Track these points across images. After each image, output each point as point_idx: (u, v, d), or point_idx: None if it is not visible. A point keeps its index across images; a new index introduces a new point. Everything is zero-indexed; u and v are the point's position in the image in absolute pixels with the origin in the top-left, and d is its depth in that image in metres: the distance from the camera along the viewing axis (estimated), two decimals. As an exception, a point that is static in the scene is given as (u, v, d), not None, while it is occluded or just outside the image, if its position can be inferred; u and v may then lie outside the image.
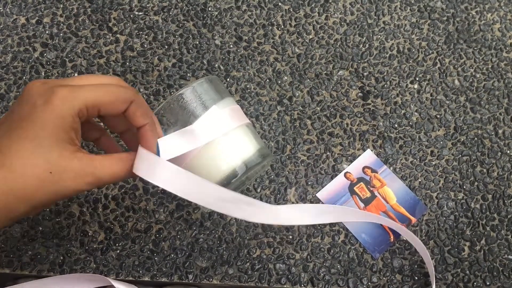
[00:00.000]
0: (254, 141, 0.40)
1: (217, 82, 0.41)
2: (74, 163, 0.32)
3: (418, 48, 0.56)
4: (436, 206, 0.50)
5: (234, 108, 0.40)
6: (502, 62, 0.56)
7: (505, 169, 0.52)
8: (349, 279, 0.46)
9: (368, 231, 0.48)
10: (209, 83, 0.40)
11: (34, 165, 0.31)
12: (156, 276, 0.45)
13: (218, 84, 0.41)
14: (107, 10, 0.54)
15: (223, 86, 0.42)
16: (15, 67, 0.51)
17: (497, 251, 0.49)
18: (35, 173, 0.31)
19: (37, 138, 0.31)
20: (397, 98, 0.53)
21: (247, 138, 0.40)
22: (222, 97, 0.40)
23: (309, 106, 0.52)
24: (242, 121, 0.40)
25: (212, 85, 0.40)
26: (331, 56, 0.54)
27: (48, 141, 0.31)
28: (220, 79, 0.45)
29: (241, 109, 0.41)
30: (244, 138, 0.40)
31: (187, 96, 0.39)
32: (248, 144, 0.40)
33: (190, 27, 0.54)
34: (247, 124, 0.41)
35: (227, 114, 0.39)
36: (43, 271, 0.44)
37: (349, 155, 0.51)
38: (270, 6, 0.56)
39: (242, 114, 0.41)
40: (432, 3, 0.58)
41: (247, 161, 0.39)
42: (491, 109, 0.54)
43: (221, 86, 0.41)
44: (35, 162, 0.31)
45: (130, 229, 0.46)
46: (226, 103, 0.40)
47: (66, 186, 0.32)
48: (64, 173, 0.32)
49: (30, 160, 0.31)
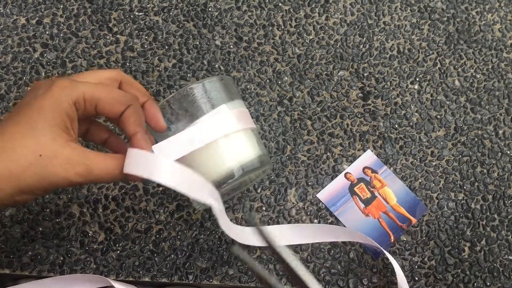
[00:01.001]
0: (257, 146, 0.40)
1: (229, 83, 0.41)
2: (67, 150, 0.32)
3: (418, 48, 0.56)
4: (437, 206, 0.50)
5: (242, 111, 0.40)
6: (503, 62, 0.56)
7: (505, 169, 0.52)
8: (350, 280, 0.46)
9: (368, 231, 0.48)
10: (221, 83, 0.40)
11: (24, 145, 0.31)
12: (156, 277, 0.45)
13: (230, 85, 0.41)
14: (107, 10, 0.54)
15: (235, 88, 0.42)
16: (15, 67, 0.51)
17: (498, 251, 0.49)
18: (23, 154, 0.31)
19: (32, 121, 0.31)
20: (398, 98, 0.53)
21: (250, 142, 0.40)
22: (231, 98, 0.40)
23: (309, 107, 0.52)
24: (247, 125, 0.40)
25: (224, 85, 0.40)
26: (332, 56, 0.54)
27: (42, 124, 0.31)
28: (233, 81, 0.45)
29: (248, 113, 0.41)
30: (246, 142, 0.40)
31: (197, 91, 0.39)
32: (249, 148, 0.40)
33: (191, 27, 0.54)
34: (252, 128, 0.41)
35: (233, 115, 0.39)
36: (43, 271, 0.44)
37: (349, 155, 0.51)
38: (270, 7, 0.56)
39: (249, 118, 0.41)
40: (432, 4, 0.58)
41: (244, 165, 0.39)
42: (492, 109, 0.54)
43: (232, 88, 0.41)
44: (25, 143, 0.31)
45: (130, 230, 0.46)
46: (235, 105, 0.40)
47: (55, 172, 0.31)
48: (55, 158, 0.31)
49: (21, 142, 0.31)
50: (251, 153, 0.40)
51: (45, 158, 0.31)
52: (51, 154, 0.31)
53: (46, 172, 0.31)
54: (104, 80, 0.35)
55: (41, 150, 0.31)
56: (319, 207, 0.48)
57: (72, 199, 0.46)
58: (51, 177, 0.31)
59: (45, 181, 0.31)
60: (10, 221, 0.45)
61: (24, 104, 0.32)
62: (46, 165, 0.31)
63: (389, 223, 0.49)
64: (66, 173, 0.32)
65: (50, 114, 0.32)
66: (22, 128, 0.31)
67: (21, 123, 0.31)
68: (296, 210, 0.48)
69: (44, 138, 0.31)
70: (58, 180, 0.32)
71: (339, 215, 0.48)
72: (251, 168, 0.39)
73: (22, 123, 0.31)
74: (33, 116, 0.31)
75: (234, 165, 0.38)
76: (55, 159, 0.31)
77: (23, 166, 0.31)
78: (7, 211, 0.45)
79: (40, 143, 0.31)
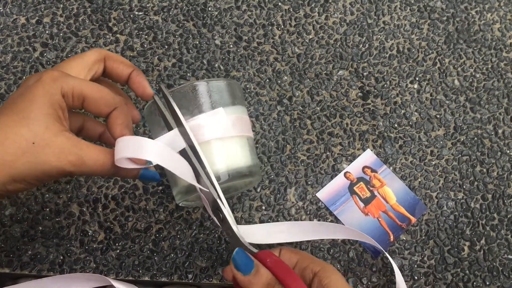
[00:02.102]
0: (249, 156, 0.40)
1: (235, 87, 0.41)
2: (60, 139, 0.32)
3: (418, 48, 0.56)
4: (436, 205, 0.50)
5: (241, 118, 0.40)
6: (502, 62, 0.56)
7: (504, 168, 0.52)
8: (349, 279, 0.46)
9: (368, 231, 0.48)
10: (226, 85, 0.40)
11: (16, 133, 0.31)
12: (156, 276, 0.45)
13: (235, 90, 0.41)
14: (107, 10, 0.54)
15: (240, 93, 0.42)
16: (15, 67, 0.51)
17: (497, 250, 0.49)
18: (16, 142, 0.31)
19: (25, 111, 0.31)
20: (397, 98, 0.53)
21: (242, 150, 0.40)
22: (233, 103, 0.40)
23: (309, 106, 0.52)
24: (243, 133, 0.40)
25: (228, 88, 0.40)
26: (331, 56, 0.54)
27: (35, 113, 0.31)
28: (240, 87, 0.45)
29: (249, 121, 0.41)
30: (239, 149, 0.39)
31: (199, 89, 0.39)
32: (240, 156, 0.39)
33: (190, 27, 0.54)
34: (248, 137, 0.41)
35: (229, 120, 0.39)
36: (43, 270, 0.44)
37: (349, 155, 0.51)
38: (270, 6, 0.56)
39: (248, 126, 0.41)
40: (432, 3, 0.58)
41: (232, 171, 0.39)
42: (491, 109, 0.54)
43: (237, 93, 0.41)
44: (18, 131, 0.31)
45: (130, 229, 0.46)
46: (235, 110, 0.40)
47: (48, 160, 0.31)
48: (48, 147, 0.31)
49: (14, 129, 0.31)
50: (242, 161, 0.39)
51: (38, 146, 0.31)
52: (44, 142, 0.31)
53: (38, 160, 0.31)
54: (92, 64, 0.36)
55: (34, 138, 0.31)
56: (319, 206, 0.48)
57: (72, 198, 0.46)
58: (44, 165, 0.31)
59: (37, 169, 0.31)
60: (10, 220, 0.45)
61: (18, 95, 0.32)
62: (38, 153, 0.31)
63: (388, 222, 0.49)
64: (59, 161, 0.32)
65: (43, 103, 0.32)
66: (15, 117, 0.31)
67: (14, 113, 0.31)
68: (295, 209, 0.48)
69: (37, 126, 0.31)
70: (50, 169, 0.32)
71: (338, 214, 0.48)
72: (238, 176, 0.39)
73: (15, 113, 0.31)
74: (25, 106, 0.31)
75: (221, 168, 0.38)
76: (48, 147, 0.31)
77: (16, 155, 0.31)
78: (7, 210, 0.45)
79: (34, 132, 0.31)
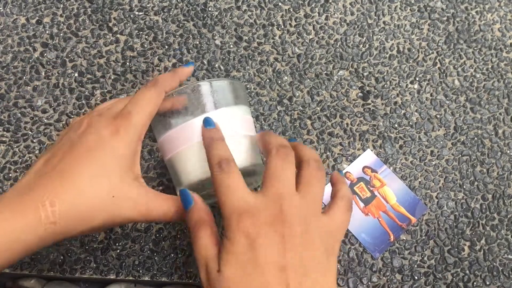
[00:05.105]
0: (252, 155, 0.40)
1: (238, 87, 0.41)
2: (134, 191, 0.33)
3: (418, 48, 0.56)
4: (436, 206, 0.50)
5: (245, 118, 0.40)
6: (502, 62, 0.56)
7: (505, 169, 0.52)
8: (349, 279, 0.46)
9: (368, 230, 0.48)
10: (229, 85, 0.40)
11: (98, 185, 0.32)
12: (156, 276, 0.45)
13: (239, 90, 0.41)
14: (107, 10, 0.54)
15: (244, 93, 0.42)
16: (15, 67, 0.51)
17: (497, 250, 0.49)
18: (97, 194, 0.32)
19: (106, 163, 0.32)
20: (397, 98, 0.53)
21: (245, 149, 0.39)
22: (236, 103, 0.40)
23: (309, 106, 0.52)
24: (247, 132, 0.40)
25: (231, 88, 0.40)
26: (331, 56, 0.54)
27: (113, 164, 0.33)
28: (244, 87, 0.45)
29: (252, 121, 0.41)
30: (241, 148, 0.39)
31: (202, 89, 0.39)
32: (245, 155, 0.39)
33: (190, 27, 0.54)
34: (251, 137, 0.41)
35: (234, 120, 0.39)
36: (43, 270, 0.44)
37: (349, 155, 0.51)
38: (270, 6, 0.56)
39: (251, 126, 0.41)
40: (432, 3, 0.58)
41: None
42: (491, 109, 0.54)
43: (240, 93, 0.41)
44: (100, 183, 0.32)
45: (130, 229, 0.46)
46: (238, 110, 0.40)
47: (123, 213, 0.33)
48: (124, 201, 0.33)
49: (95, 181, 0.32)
50: (246, 159, 0.39)
51: (116, 199, 0.32)
52: (122, 195, 0.32)
53: (115, 213, 0.32)
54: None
55: (113, 191, 0.32)
56: (319, 206, 0.48)
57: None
58: (119, 217, 0.33)
59: (114, 220, 0.33)
60: (10, 220, 0.45)
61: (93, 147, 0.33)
62: (116, 205, 0.32)
63: (388, 222, 0.49)
64: (132, 213, 0.33)
65: (122, 154, 0.33)
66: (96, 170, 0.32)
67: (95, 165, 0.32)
68: (296, 209, 0.48)
69: (114, 178, 0.32)
70: (122, 220, 0.33)
71: (338, 215, 0.48)
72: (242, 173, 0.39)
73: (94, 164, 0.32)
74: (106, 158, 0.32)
75: None
76: (124, 201, 0.32)
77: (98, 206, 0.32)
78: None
79: (112, 184, 0.32)
